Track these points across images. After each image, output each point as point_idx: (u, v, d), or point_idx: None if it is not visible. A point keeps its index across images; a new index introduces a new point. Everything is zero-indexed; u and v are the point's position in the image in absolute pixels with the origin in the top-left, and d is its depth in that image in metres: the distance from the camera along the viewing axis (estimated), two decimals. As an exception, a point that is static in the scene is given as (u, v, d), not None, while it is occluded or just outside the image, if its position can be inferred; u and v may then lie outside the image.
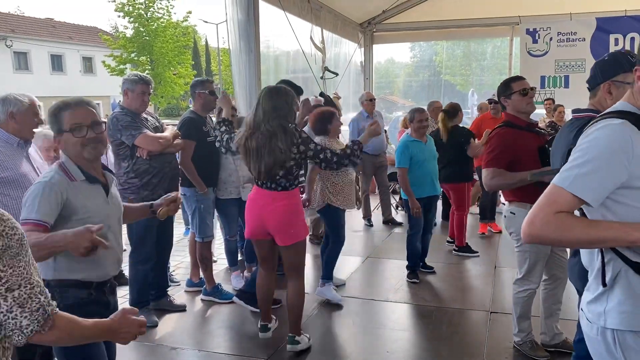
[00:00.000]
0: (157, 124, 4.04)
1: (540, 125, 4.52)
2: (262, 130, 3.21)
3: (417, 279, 4.82)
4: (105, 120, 2.65)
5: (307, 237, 6.31)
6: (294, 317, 3.48)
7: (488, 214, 6.45)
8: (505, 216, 3.29)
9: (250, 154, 3.27)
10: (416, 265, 4.96)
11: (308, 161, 3.47)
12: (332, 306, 4.30)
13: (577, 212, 1.41)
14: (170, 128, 4.16)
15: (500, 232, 6.29)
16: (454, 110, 5.60)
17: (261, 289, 3.63)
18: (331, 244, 4.41)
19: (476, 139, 5.56)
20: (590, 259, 1.51)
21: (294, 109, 3.34)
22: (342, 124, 4.99)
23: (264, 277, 3.60)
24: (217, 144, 3.68)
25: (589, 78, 2.45)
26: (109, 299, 2.25)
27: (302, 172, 3.84)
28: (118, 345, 3.63)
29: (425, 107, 5.66)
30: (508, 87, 3.24)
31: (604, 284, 1.40)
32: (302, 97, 7.05)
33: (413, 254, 4.90)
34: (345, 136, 7.04)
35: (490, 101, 6.70)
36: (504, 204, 7.71)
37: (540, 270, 3.24)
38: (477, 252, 5.55)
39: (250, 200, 3.45)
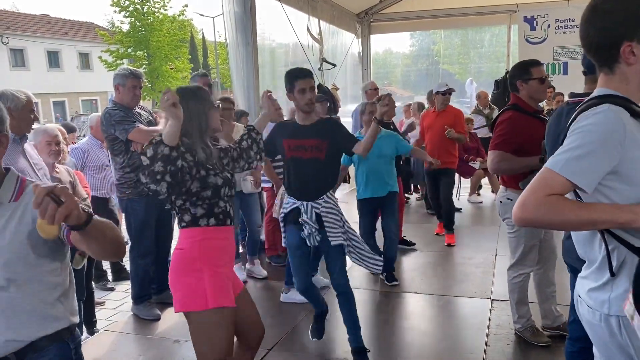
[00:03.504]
0: (151, 118, 4.05)
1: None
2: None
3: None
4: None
5: None
6: None
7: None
8: (500, 202, 3.26)
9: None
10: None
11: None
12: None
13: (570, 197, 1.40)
14: (164, 121, 4.15)
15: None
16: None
17: None
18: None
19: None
20: (588, 249, 1.49)
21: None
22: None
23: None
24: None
25: (590, 63, 2.42)
26: None
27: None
28: (120, 340, 3.68)
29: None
30: (527, 71, 3.11)
31: (612, 274, 1.39)
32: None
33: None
34: (347, 128, 7.00)
35: (445, 92, 5.61)
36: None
37: (534, 255, 3.25)
38: (414, 243, 5.49)
39: (216, 250, 2.43)
